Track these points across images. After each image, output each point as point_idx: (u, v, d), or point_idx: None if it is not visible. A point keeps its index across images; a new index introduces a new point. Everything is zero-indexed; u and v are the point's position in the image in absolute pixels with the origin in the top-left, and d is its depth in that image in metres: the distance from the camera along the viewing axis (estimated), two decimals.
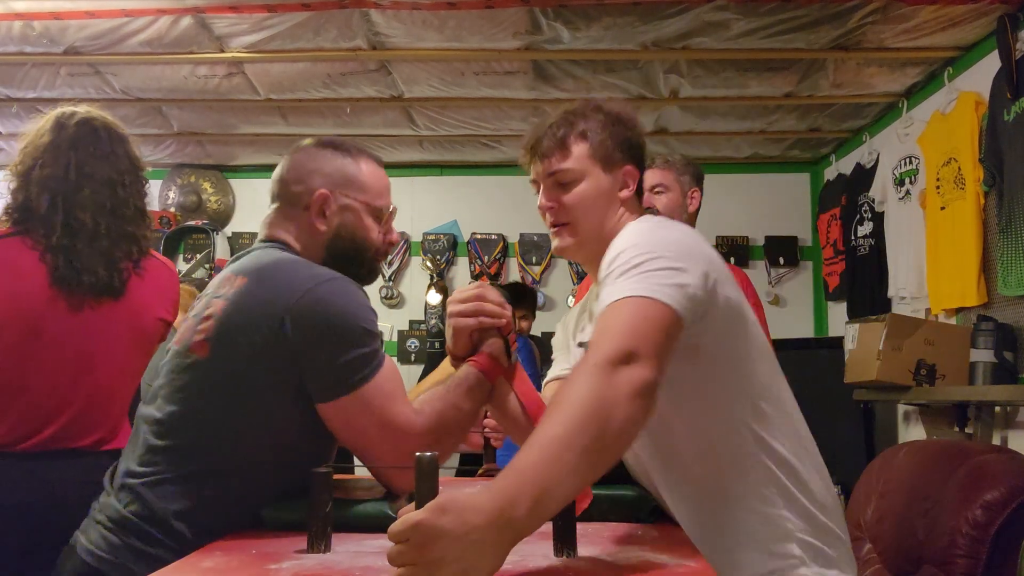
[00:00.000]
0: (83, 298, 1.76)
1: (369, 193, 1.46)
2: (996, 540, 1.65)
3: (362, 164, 1.47)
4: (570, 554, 1.02)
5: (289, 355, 1.25)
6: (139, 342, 1.86)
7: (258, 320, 1.26)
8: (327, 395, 1.26)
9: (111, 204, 1.80)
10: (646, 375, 1.02)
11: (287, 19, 3.13)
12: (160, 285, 1.90)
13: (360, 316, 1.29)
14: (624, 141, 1.44)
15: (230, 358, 1.27)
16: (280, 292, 1.27)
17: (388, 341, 5.04)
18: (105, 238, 1.78)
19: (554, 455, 0.91)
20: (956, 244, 3.30)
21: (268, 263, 1.34)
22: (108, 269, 1.78)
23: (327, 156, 1.46)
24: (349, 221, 1.43)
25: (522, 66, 3.55)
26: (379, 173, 1.50)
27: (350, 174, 1.45)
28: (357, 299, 1.31)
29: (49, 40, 3.29)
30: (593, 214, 1.40)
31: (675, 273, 1.15)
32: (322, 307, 1.26)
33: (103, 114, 1.90)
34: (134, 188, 1.87)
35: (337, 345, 1.25)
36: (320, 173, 1.43)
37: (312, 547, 1.07)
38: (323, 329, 1.25)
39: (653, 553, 1.07)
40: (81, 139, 1.81)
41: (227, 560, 1.05)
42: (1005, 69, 2.94)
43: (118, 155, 1.85)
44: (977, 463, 1.79)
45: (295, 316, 1.25)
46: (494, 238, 5.11)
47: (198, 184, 5.19)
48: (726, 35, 3.22)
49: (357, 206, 1.44)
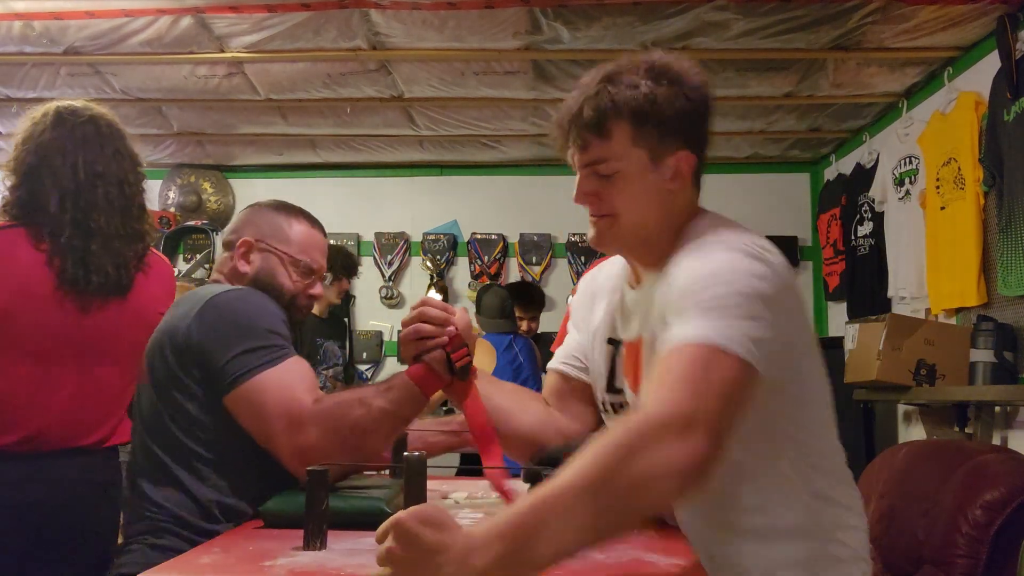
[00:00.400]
0: (90, 298, 1.76)
1: (292, 246, 1.59)
2: (996, 540, 1.65)
3: (294, 222, 1.62)
4: None
5: (194, 362, 1.39)
6: (143, 337, 1.84)
7: (167, 338, 1.42)
8: (224, 388, 1.37)
9: (120, 204, 1.81)
10: (701, 450, 0.87)
11: (287, 19, 3.13)
12: (161, 280, 1.92)
13: (257, 316, 1.42)
14: (676, 117, 1.19)
15: (157, 378, 1.43)
16: (185, 309, 1.44)
17: (388, 341, 5.04)
18: (117, 239, 1.79)
19: (563, 507, 0.83)
20: (956, 244, 3.30)
21: (189, 294, 1.51)
22: (117, 268, 1.79)
23: (265, 212, 1.63)
24: (268, 267, 1.58)
25: (522, 66, 3.55)
26: (309, 232, 1.63)
27: (277, 227, 1.60)
28: (255, 302, 1.45)
29: (49, 40, 3.29)
30: (638, 209, 1.20)
31: (757, 323, 1.01)
32: (215, 311, 1.41)
33: (103, 110, 1.89)
34: (137, 186, 1.87)
35: (228, 341, 1.38)
36: (252, 224, 1.61)
37: (308, 544, 1.08)
38: (214, 328, 1.39)
39: (646, 552, 1.08)
40: (89, 137, 1.81)
41: (224, 556, 1.06)
42: (1005, 69, 2.94)
43: (122, 153, 1.86)
44: (977, 463, 1.79)
45: (194, 324, 1.40)
46: (494, 238, 5.11)
47: (198, 184, 5.19)
48: (726, 35, 3.22)
49: (278, 256, 1.58)
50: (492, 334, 4.01)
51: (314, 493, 1.09)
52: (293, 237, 1.61)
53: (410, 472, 0.88)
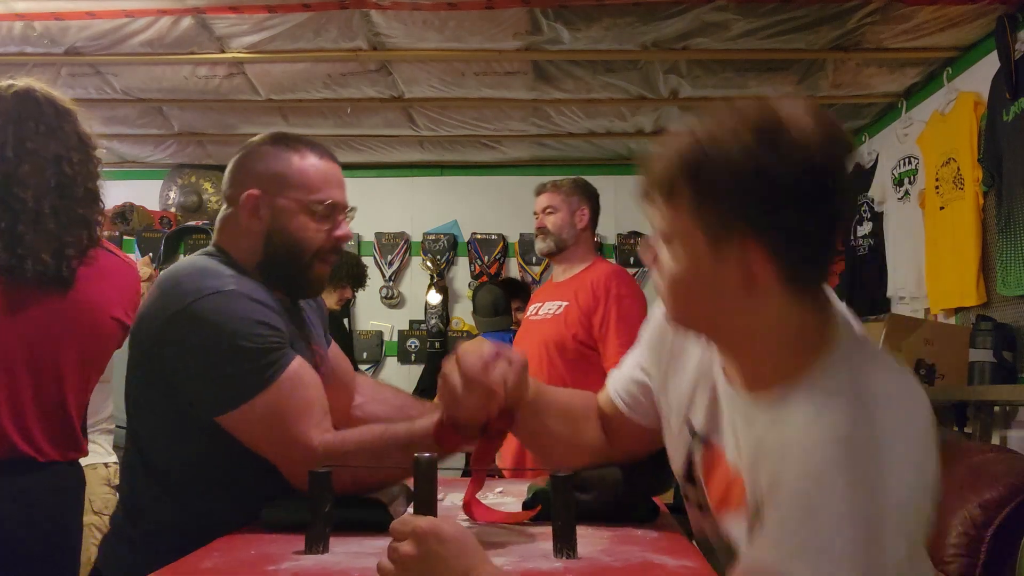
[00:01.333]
0: (26, 290, 1.54)
1: (302, 189, 1.38)
2: (994, 539, 1.65)
3: (299, 159, 1.39)
4: (570, 555, 1.01)
5: (170, 369, 1.28)
6: (89, 342, 1.65)
7: (142, 330, 1.33)
8: (211, 411, 1.26)
9: (56, 182, 1.59)
10: None
11: (287, 19, 3.13)
12: (118, 282, 1.70)
13: (238, 332, 1.24)
14: (759, 210, 0.89)
15: (138, 365, 1.34)
16: (160, 305, 1.30)
17: (388, 341, 5.05)
18: (51, 219, 1.56)
19: None
20: (955, 244, 3.30)
21: (173, 272, 1.36)
22: (56, 256, 1.56)
23: (265, 154, 1.41)
24: (281, 220, 1.38)
25: (522, 66, 3.56)
26: (320, 166, 1.40)
27: (282, 171, 1.38)
28: (237, 314, 1.26)
29: (50, 40, 3.29)
30: (698, 311, 0.98)
31: (861, 557, 0.78)
32: (193, 325, 1.25)
33: (45, 87, 1.68)
34: (84, 168, 1.65)
35: (208, 365, 1.25)
36: (253, 173, 1.40)
37: (310, 548, 1.06)
38: (192, 348, 1.25)
39: (653, 554, 1.06)
40: (22, 112, 1.60)
41: (226, 560, 1.05)
42: (1004, 69, 2.94)
43: (65, 131, 1.63)
44: (976, 462, 1.80)
45: (167, 331, 1.27)
46: (494, 238, 5.11)
47: (199, 184, 5.19)
48: (726, 35, 3.22)
49: (290, 205, 1.38)
50: (490, 333, 4.01)
51: (316, 496, 1.08)
52: (304, 176, 1.38)
53: (420, 474, 0.87)
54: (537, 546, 1.04)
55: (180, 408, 1.30)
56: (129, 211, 5.09)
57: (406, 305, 5.13)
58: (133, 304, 1.70)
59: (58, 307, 1.57)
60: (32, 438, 1.56)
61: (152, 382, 1.32)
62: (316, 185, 1.39)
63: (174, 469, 1.33)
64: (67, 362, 1.60)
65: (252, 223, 1.38)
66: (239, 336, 1.24)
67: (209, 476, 1.32)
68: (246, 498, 1.26)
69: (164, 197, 5.18)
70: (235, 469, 1.30)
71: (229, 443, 1.28)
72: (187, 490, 1.32)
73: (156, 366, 1.30)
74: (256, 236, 1.38)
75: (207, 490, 1.31)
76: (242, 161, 1.43)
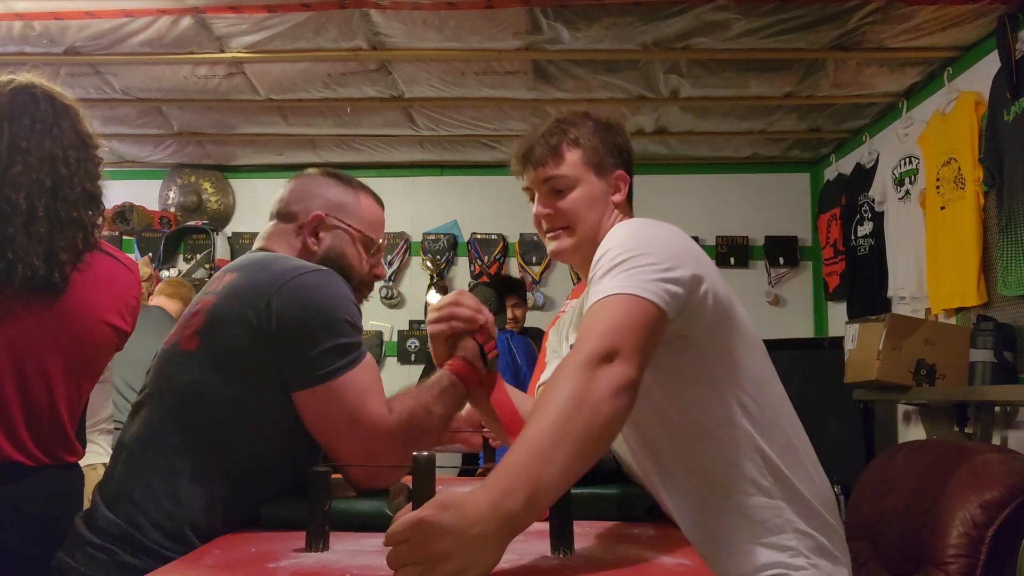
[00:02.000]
0: (15, 295, 1.48)
1: (363, 224, 1.51)
2: (995, 539, 1.65)
3: (361, 197, 1.54)
4: (567, 552, 1.02)
5: (272, 343, 1.26)
6: (79, 349, 1.57)
7: (244, 309, 1.27)
8: (301, 383, 1.26)
9: (51, 183, 1.52)
10: (626, 373, 1.05)
11: (287, 19, 3.13)
12: (114, 286, 1.63)
13: (340, 307, 1.30)
14: (614, 147, 1.47)
15: (218, 349, 1.29)
16: (266, 281, 1.30)
17: (388, 341, 5.04)
18: (44, 222, 1.50)
19: (544, 450, 0.95)
20: (956, 244, 3.30)
21: (258, 259, 1.39)
22: (48, 261, 1.49)
23: (330, 184, 1.52)
24: (339, 245, 1.48)
25: (522, 66, 3.56)
26: (376, 209, 1.56)
27: (348, 203, 1.51)
28: (340, 290, 1.32)
29: (49, 40, 3.29)
30: (588, 218, 1.44)
31: (660, 270, 1.17)
32: (304, 294, 1.28)
33: (45, 82, 1.62)
34: (82, 168, 1.58)
35: (315, 333, 1.26)
36: (320, 197, 1.49)
37: (310, 546, 1.07)
38: (302, 316, 1.26)
39: (650, 551, 1.07)
40: (17, 109, 1.54)
41: (226, 558, 1.05)
42: (1005, 69, 2.94)
43: (62, 129, 1.57)
44: (976, 463, 1.80)
45: (277, 302, 1.26)
46: (494, 238, 5.11)
47: (198, 184, 5.19)
48: (726, 35, 3.22)
49: (350, 232, 1.49)
50: None
51: (316, 494, 1.08)
52: (365, 214, 1.52)
53: (418, 472, 0.88)
54: (534, 544, 1.04)
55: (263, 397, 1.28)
56: (129, 211, 5.09)
57: (406, 305, 5.13)
58: (130, 309, 1.66)
59: (48, 313, 1.51)
60: (21, 444, 1.51)
61: (242, 368, 1.28)
62: (373, 224, 1.54)
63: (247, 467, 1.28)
64: (56, 369, 1.54)
65: (312, 240, 1.47)
66: (341, 310, 1.30)
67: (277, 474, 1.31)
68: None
69: (164, 197, 5.18)
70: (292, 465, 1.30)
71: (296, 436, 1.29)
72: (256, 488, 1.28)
73: (254, 355, 1.27)
74: (310, 256, 1.46)
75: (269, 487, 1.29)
76: (306, 184, 1.52)
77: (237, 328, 1.27)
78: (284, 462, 1.30)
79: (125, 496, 1.26)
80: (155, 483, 1.26)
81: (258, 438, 1.29)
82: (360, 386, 1.27)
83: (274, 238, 1.48)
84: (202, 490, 1.25)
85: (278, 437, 1.30)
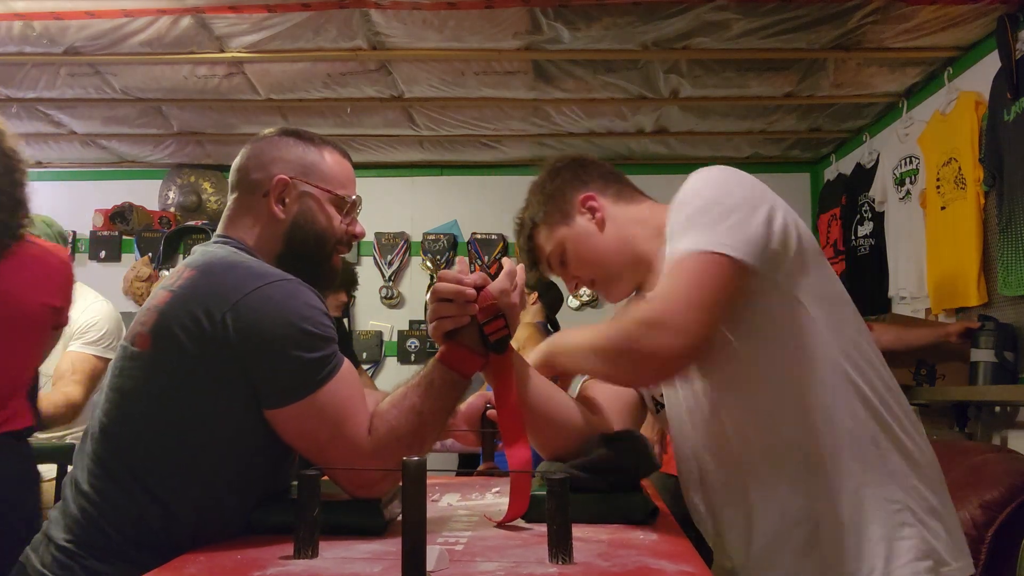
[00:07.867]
0: None
1: (331, 182, 1.39)
2: (995, 539, 1.65)
3: (325, 153, 1.41)
4: (565, 560, 0.98)
5: (232, 357, 1.17)
6: (14, 327, 1.83)
7: (198, 315, 1.18)
8: (274, 401, 1.18)
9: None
10: (674, 346, 1.15)
11: (287, 19, 3.13)
12: (41, 271, 1.88)
13: (309, 319, 1.20)
14: (557, 191, 1.52)
15: (169, 352, 1.20)
16: (224, 289, 1.20)
17: (388, 341, 5.04)
18: None
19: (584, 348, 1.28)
20: (956, 244, 3.30)
21: (220, 259, 1.28)
22: None
23: (289, 144, 1.40)
24: (309, 209, 1.37)
25: (522, 66, 3.55)
26: (343, 163, 1.44)
27: (312, 162, 1.39)
28: (306, 301, 1.22)
29: (49, 40, 3.29)
30: (596, 258, 1.47)
31: (740, 220, 1.19)
32: (268, 308, 1.18)
33: None
34: (6, 178, 1.80)
35: (285, 349, 1.17)
36: (281, 160, 1.38)
37: (299, 552, 1.02)
38: (267, 332, 1.17)
39: (652, 558, 1.03)
40: None
41: (210, 566, 1.01)
42: (1005, 69, 2.94)
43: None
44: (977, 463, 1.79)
45: (237, 316, 1.17)
46: (494, 238, 5.11)
47: (198, 184, 5.19)
48: (726, 35, 3.22)
49: (318, 194, 1.38)
50: None
51: (305, 499, 1.03)
52: (332, 170, 1.40)
53: (408, 478, 0.85)
54: (532, 551, 1.02)
55: (226, 407, 1.20)
56: (128, 211, 5.09)
57: (406, 305, 5.12)
58: (60, 288, 1.93)
59: None
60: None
61: (194, 381, 1.21)
62: (342, 180, 1.42)
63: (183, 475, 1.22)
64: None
65: (278, 208, 1.36)
66: (310, 322, 1.20)
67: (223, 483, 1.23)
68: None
69: (163, 197, 5.18)
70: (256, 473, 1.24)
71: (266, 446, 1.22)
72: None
73: (205, 364, 1.19)
74: (279, 224, 1.36)
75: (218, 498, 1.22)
76: (264, 148, 1.40)
77: (186, 332, 1.18)
78: (243, 474, 1.23)
79: (83, 494, 1.21)
80: (107, 485, 1.21)
81: (210, 444, 1.20)
82: (337, 402, 1.19)
83: (238, 216, 1.39)
84: (145, 500, 1.18)
85: (231, 444, 1.21)
